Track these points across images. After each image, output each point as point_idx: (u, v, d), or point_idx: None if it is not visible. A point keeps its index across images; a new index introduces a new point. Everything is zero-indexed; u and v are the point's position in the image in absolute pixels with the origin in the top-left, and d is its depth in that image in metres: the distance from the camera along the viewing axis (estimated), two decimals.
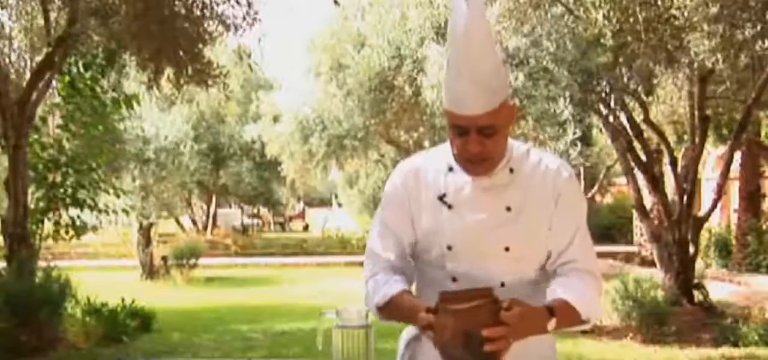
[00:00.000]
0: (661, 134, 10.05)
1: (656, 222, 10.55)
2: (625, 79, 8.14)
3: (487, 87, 1.78)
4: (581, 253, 1.94)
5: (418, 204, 1.96)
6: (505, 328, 1.69)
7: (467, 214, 1.90)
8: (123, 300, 8.86)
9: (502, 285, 1.88)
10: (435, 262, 1.94)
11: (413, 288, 2.02)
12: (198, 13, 7.50)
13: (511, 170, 1.92)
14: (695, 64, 6.86)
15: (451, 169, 1.93)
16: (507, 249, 1.89)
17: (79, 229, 9.87)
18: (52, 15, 7.85)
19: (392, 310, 1.91)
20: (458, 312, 1.68)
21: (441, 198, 1.93)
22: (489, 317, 1.69)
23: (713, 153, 15.70)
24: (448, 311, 1.69)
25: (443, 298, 1.73)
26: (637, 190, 9.94)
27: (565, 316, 1.85)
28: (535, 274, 1.96)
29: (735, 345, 7.77)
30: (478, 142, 1.82)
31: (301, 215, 39.54)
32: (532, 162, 1.94)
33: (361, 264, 1.88)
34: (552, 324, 1.81)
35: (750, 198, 15.32)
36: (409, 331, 2.03)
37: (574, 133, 8.64)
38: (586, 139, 9.67)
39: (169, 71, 7.81)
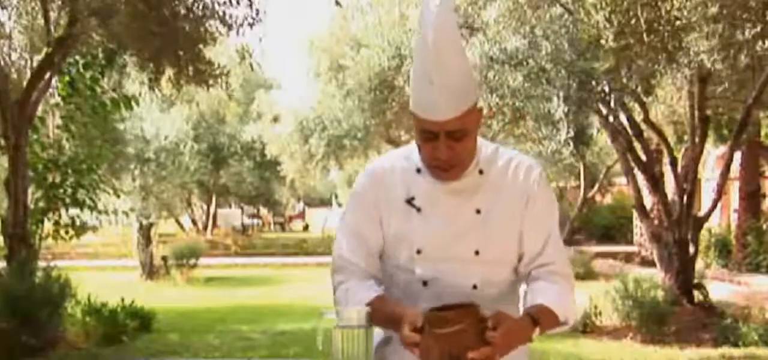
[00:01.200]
0: (661, 134, 10.05)
1: (656, 222, 10.54)
2: (625, 79, 8.13)
3: (457, 92, 1.77)
4: (555, 255, 1.93)
5: (387, 207, 1.92)
6: (491, 348, 1.67)
7: (436, 217, 1.88)
8: (123, 300, 8.86)
9: (474, 287, 1.87)
10: (404, 266, 1.92)
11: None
12: (199, 13, 7.50)
13: (481, 172, 1.90)
14: (693, 64, 6.85)
15: (418, 170, 1.91)
16: (477, 252, 1.87)
17: (79, 229, 9.88)
18: (52, 15, 7.84)
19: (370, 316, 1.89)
20: (443, 336, 1.66)
21: (409, 201, 1.90)
22: (474, 339, 1.67)
23: (713, 153, 15.70)
24: (434, 335, 1.68)
25: (428, 320, 1.71)
26: (637, 190, 9.93)
27: (547, 321, 1.84)
28: (506, 275, 1.94)
29: (735, 345, 7.77)
30: (448, 147, 1.80)
31: (301, 215, 39.58)
32: (502, 162, 1.93)
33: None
34: (536, 332, 1.80)
35: (750, 198, 15.33)
36: (377, 334, 1.97)
37: (568, 133, 8.63)
38: (581, 138, 9.64)
39: (169, 71, 7.81)
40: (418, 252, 1.88)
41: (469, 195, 1.89)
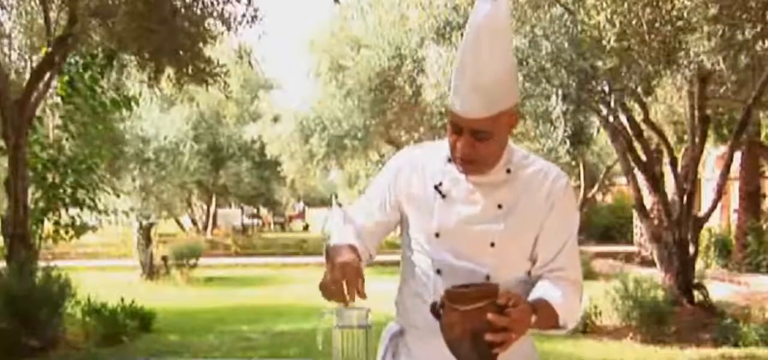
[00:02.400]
0: (661, 134, 10.05)
1: (656, 222, 10.54)
2: (625, 80, 8.12)
3: (487, 93, 1.79)
4: (569, 262, 1.96)
5: (410, 193, 2.00)
6: (510, 321, 1.71)
7: (459, 205, 1.94)
8: (122, 300, 8.85)
9: (487, 278, 1.90)
10: (422, 250, 1.97)
11: (395, 277, 2.08)
12: (198, 11, 7.50)
13: (508, 171, 1.94)
14: (694, 65, 6.85)
15: (449, 160, 1.96)
16: (492, 245, 1.91)
17: (79, 229, 9.87)
18: (52, 15, 7.85)
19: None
20: (466, 313, 1.72)
21: (437, 187, 1.96)
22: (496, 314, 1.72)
23: (713, 153, 15.70)
24: (456, 311, 1.73)
25: (450, 296, 1.76)
26: (637, 190, 9.93)
27: (544, 316, 1.86)
28: (518, 273, 1.97)
29: (735, 345, 7.77)
30: (470, 144, 1.84)
31: (301, 215, 39.56)
32: (532, 168, 1.97)
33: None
34: (532, 320, 1.81)
35: (750, 198, 15.34)
36: (391, 326, 2.07)
37: (565, 131, 8.62)
38: (580, 138, 9.64)
39: (169, 70, 7.81)
40: (437, 235, 1.94)
41: (493, 189, 1.93)
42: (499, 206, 1.92)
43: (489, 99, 1.79)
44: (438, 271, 1.93)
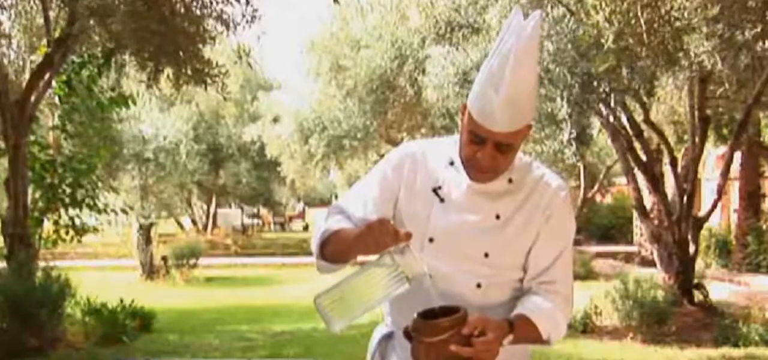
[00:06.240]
0: (661, 134, 10.05)
1: (656, 222, 10.54)
2: (626, 80, 8.12)
3: (518, 110, 1.79)
4: (560, 275, 1.94)
5: (410, 189, 1.95)
6: (475, 352, 1.69)
7: (457, 212, 1.90)
8: (122, 300, 8.85)
9: (478, 286, 1.89)
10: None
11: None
12: (197, 11, 7.49)
13: (510, 180, 1.92)
14: (694, 65, 6.85)
15: (451, 163, 1.93)
16: (486, 255, 1.89)
17: (80, 231, 9.86)
18: (52, 15, 7.84)
19: (333, 245, 1.91)
20: (431, 344, 1.71)
21: (435, 190, 1.93)
22: (461, 344, 1.71)
23: (713, 153, 15.70)
24: (422, 343, 1.72)
25: (416, 326, 1.74)
26: (637, 190, 9.93)
27: (524, 332, 1.84)
28: (511, 282, 1.96)
29: (735, 345, 7.76)
30: (492, 156, 1.82)
31: (301, 215, 39.54)
32: (533, 177, 1.95)
33: (361, 265, 1.87)
34: (509, 339, 1.80)
35: (750, 198, 15.33)
36: (380, 329, 2.05)
37: (570, 133, 8.63)
38: (582, 139, 9.66)
39: (168, 71, 7.80)
40: (431, 240, 1.91)
41: (493, 198, 1.91)
42: (498, 216, 1.90)
43: (520, 113, 1.79)
44: (429, 276, 1.90)
